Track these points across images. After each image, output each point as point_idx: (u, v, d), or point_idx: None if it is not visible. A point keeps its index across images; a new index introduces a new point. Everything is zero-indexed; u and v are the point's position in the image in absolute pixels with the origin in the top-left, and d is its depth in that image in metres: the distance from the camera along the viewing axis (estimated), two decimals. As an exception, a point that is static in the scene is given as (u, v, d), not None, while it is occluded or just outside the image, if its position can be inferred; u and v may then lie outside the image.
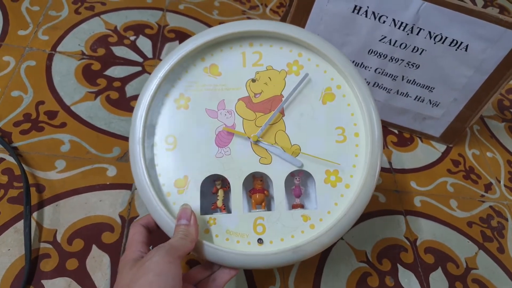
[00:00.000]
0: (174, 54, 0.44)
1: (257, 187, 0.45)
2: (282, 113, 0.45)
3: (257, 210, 0.44)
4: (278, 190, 0.44)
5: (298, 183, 0.46)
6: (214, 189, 0.45)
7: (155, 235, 0.43)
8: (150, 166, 0.42)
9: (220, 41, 0.45)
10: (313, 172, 0.44)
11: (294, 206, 0.45)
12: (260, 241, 0.42)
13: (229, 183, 0.44)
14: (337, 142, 0.45)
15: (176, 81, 0.45)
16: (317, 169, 0.44)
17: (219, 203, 0.44)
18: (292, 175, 0.45)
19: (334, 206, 0.43)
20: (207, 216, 0.42)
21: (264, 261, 0.41)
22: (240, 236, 0.42)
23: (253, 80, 0.46)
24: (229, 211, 0.44)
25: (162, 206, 0.40)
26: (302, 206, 0.45)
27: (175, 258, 0.36)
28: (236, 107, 0.45)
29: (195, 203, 0.42)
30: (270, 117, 0.44)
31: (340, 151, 0.44)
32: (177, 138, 0.44)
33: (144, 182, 0.41)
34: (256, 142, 0.44)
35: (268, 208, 0.45)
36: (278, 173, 0.44)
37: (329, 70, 0.46)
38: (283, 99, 0.45)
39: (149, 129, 0.43)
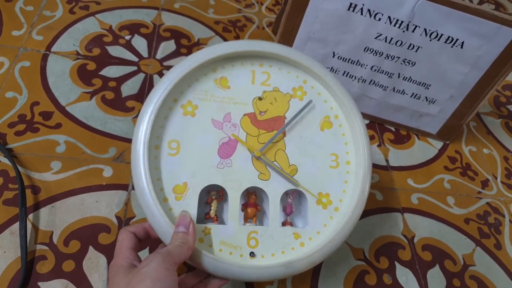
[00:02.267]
0: (188, 61, 0.45)
1: (251, 202, 0.46)
2: (283, 133, 0.48)
3: (248, 223, 0.45)
4: (273, 207, 0.45)
5: (291, 202, 0.48)
6: (208, 199, 0.46)
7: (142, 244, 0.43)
8: (152, 168, 0.42)
9: (233, 57, 0.47)
10: (307, 192, 0.46)
11: (284, 224, 0.46)
12: (252, 254, 0.43)
13: (222, 195, 0.45)
14: (330, 168, 0.48)
15: (186, 88, 0.45)
16: (311, 189, 0.47)
17: (212, 213, 0.45)
18: (286, 193, 0.46)
19: (323, 227, 0.46)
20: (202, 225, 0.43)
21: (256, 274, 0.42)
22: (233, 248, 0.43)
23: (260, 98, 0.48)
24: (221, 222, 0.45)
25: (162, 210, 0.40)
26: (291, 224, 0.47)
27: (171, 265, 0.35)
28: (241, 122, 0.47)
29: (193, 211, 0.42)
30: (274, 136, 0.46)
31: (332, 175, 0.48)
32: (181, 144, 0.44)
33: (144, 184, 0.40)
34: (258, 157, 0.45)
35: (260, 222, 0.46)
36: (275, 190, 0.45)
37: (329, 100, 0.50)
38: (286, 120, 0.48)
39: (154, 131, 0.43)
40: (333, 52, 0.68)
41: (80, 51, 0.71)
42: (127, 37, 0.76)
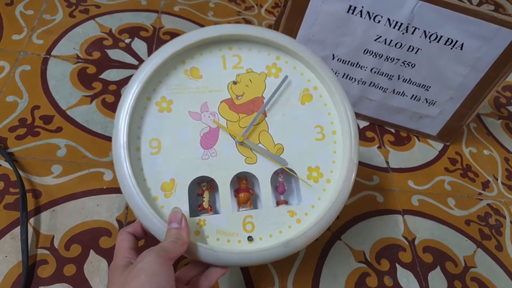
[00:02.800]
0: (154, 57, 0.44)
1: (242, 187, 0.46)
2: (264, 114, 0.47)
3: (243, 209, 0.45)
4: (265, 188, 0.45)
5: (282, 181, 0.47)
6: (200, 190, 0.46)
7: (142, 242, 0.43)
8: (136, 171, 0.42)
9: (199, 45, 0.46)
10: (296, 169, 0.46)
11: (278, 203, 0.46)
12: (250, 238, 0.43)
13: (213, 185, 0.45)
14: (316, 140, 0.47)
15: (157, 84, 0.45)
16: (300, 166, 0.46)
17: (205, 204, 0.45)
18: (276, 173, 0.46)
19: (317, 200, 0.46)
20: (197, 218, 0.43)
21: (257, 257, 0.42)
22: (230, 235, 0.43)
23: (235, 83, 0.47)
24: (215, 212, 0.45)
25: (152, 210, 0.40)
26: (286, 202, 0.47)
27: (166, 260, 0.36)
28: (219, 109, 0.46)
29: (184, 206, 0.42)
30: (254, 118, 0.46)
31: (319, 148, 0.47)
32: (162, 142, 0.43)
33: (131, 187, 0.40)
34: (242, 142, 0.45)
35: (254, 206, 0.46)
36: (264, 172, 0.45)
37: (305, 72, 0.49)
38: (265, 100, 0.47)
39: (133, 133, 0.43)
40: (333, 54, 0.68)
41: (80, 54, 0.72)
42: (127, 41, 0.76)
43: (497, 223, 0.69)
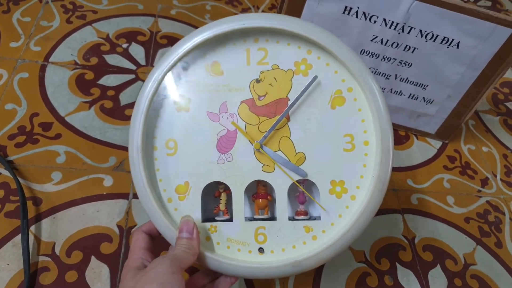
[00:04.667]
0: (173, 52, 0.41)
1: (260, 192, 0.44)
2: (287, 118, 0.43)
3: (260, 216, 0.43)
4: (281, 199, 0.42)
5: (303, 191, 0.44)
6: (216, 192, 0.44)
7: (158, 241, 0.43)
8: (151, 171, 0.41)
9: (223, 36, 0.42)
10: (317, 182, 0.42)
11: (298, 213, 0.44)
12: (261, 250, 0.42)
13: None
14: (344, 151, 0.42)
15: (176, 81, 0.42)
16: (322, 178, 0.42)
17: (222, 206, 0.44)
18: (297, 181, 0.43)
19: (338, 218, 0.42)
20: (208, 224, 0.42)
21: (264, 273, 0.41)
22: (241, 244, 0.42)
23: (258, 81, 0.43)
24: (231, 215, 0.43)
25: (162, 214, 0.40)
26: (306, 213, 0.44)
27: (178, 269, 0.36)
28: (238, 110, 0.43)
29: (197, 210, 0.42)
30: (275, 123, 0.42)
31: (347, 160, 0.42)
32: (178, 143, 0.42)
33: (144, 189, 0.40)
34: (258, 150, 0.42)
35: (272, 213, 0.44)
36: (281, 182, 0.42)
37: (340, 70, 0.42)
38: (289, 102, 0.42)
39: (149, 132, 0.41)
40: (330, 55, 0.68)
41: (78, 60, 0.72)
42: (124, 45, 0.76)
43: (497, 220, 0.69)
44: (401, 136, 0.78)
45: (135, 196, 0.56)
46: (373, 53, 0.66)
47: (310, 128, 0.43)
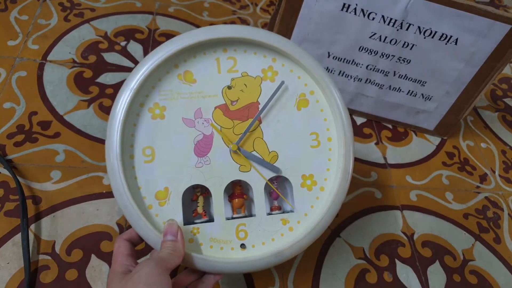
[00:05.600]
0: (146, 62, 0.43)
1: (237, 192, 0.46)
2: (259, 120, 0.46)
3: (238, 214, 0.45)
4: (258, 196, 0.45)
5: (276, 187, 0.47)
6: (194, 196, 0.46)
7: (139, 249, 0.43)
8: (130, 179, 0.42)
9: (193, 47, 0.44)
10: (290, 177, 0.46)
11: (272, 209, 0.47)
12: (243, 246, 0.43)
13: (208, 189, 0.45)
14: (311, 147, 0.47)
15: (150, 90, 0.43)
16: (294, 173, 0.46)
17: (200, 209, 0.45)
18: (270, 179, 0.46)
19: (310, 208, 0.46)
20: (191, 226, 0.43)
21: (248, 266, 0.43)
22: (223, 242, 0.43)
23: (229, 87, 0.45)
24: (210, 217, 0.45)
25: (146, 220, 0.40)
26: (279, 208, 0.47)
27: (164, 270, 0.36)
28: (213, 115, 0.45)
29: (178, 214, 0.43)
30: (249, 125, 0.45)
31: (314, 155, 0.46)
32: (155, 150, 0.43)
33: (124, 196, 0.40)
34: (235, 151, 0.44)
35: (249, 211, 0.46)
36: (257, 180, 0.45)
37: (302, 75, 0.47)
38: (260, 106, 0.46)
39: (126, 141, 0.42)
40: (328, 52, 0.68)
41: (76, 59, 0.72)
42: (123, 43, 0.76)
43: (495, 216, 0.69)
44: (400, 132, 0.78)
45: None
46: (371, 50, 0.66)
47: (280, 128, 0.46)
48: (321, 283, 0.55)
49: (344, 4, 0.61)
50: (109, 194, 0.57)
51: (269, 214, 0.45)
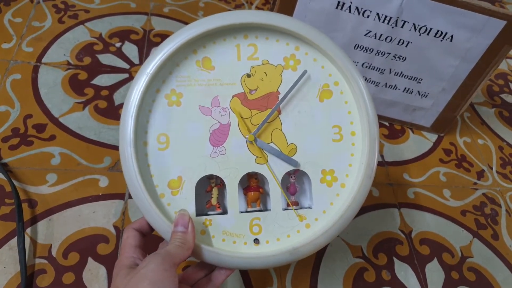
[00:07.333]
0: (164, 47, 0.41)
1: (252, 185, 0.44)
2: (278, 111, 0.44)
3: (253, 208, 0.44)
4: (274, 190, 0.43)
5: (294, 181, 0.45)
6: (208, 187, 0.45)
7: (149, 239, 0.43)
8: (143, 167, 0.41)
9: (213, 33, 0.42)
10: (309, 172, 0.44)
11: (289, 204, 0.44)
12: (256, 241, 0.42)
13: (223, 181, 0.43)
14: (333, 141, 0.44)
15: (167, 76, 0.42)
16: (313, 168, 0.44)
17: (214, 201, 0.44)
18: (288, 173, 0.44)
19: (329, 205, 0.43)
20: (203, 218, 0.42)
21: (262, 262, 0.41)
22: (236, 236, 0.42)
23: (248, 75, 0.43)
24: (224, 209, 0.43)
25: (157, 209, 0.39)
26: (297, 203, 0.45)
27: (171, 266, 0.35)
28: (230, 104, 0.43)
29: (190, 204, 0.42)
30: (267, 116, 0.43)
31: (336, 150, 0.44)
32: (170, 137, 0.42)
33: (136, 184, 0.40)
34: (252, 142, 0.43)
35: (264, 205, 0.45)
36: (274, 173, 0.43)
37: (326, 65, 0.44)
38: (280, 96, 0.44)
39: (140, 127, 0.41)
40: (324, 51, 0.68)
41: (71, 61, 0.71)
42: (118, 45, 0.76)
43: (493, 212, 0.69)
44: (397, 130, 0.78)
45: (131, 196, 0.56)
46: (367, 48, 0.66)
47: (300, 120, 0.44)
48: (319, 283, 0.55)
49: (339, 2, 0.61)
50: (105, 197, 0.57)
51: (285, 209, 0.43)
